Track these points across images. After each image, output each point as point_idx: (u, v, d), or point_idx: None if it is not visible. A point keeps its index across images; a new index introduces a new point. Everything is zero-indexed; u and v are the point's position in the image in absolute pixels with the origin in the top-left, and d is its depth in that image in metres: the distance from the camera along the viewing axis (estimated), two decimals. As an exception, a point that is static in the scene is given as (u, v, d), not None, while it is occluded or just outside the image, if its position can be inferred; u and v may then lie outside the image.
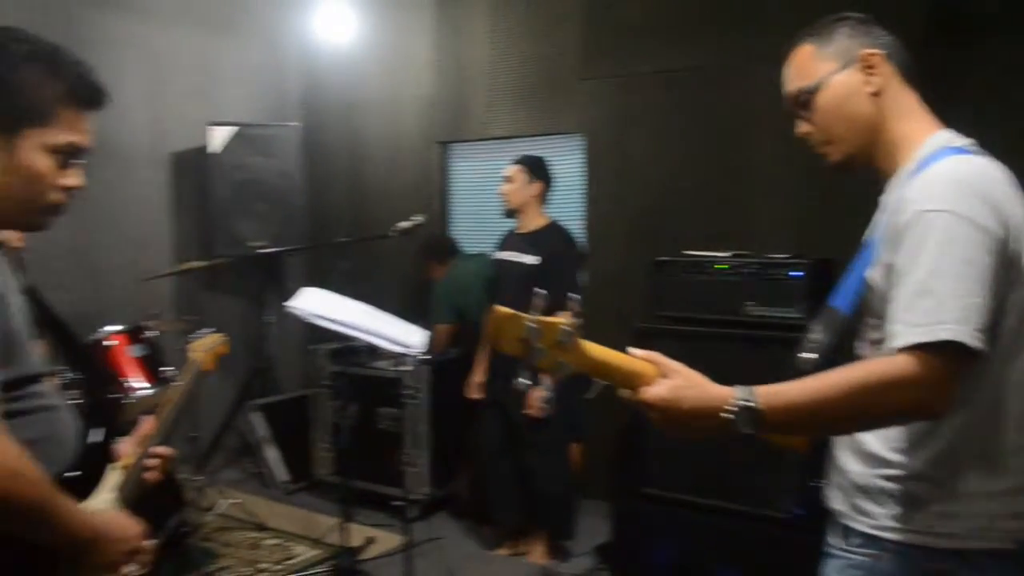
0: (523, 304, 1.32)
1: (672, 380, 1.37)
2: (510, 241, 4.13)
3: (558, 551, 4.06)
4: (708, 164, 4.41)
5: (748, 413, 1.33)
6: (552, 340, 1.26)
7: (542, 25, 4.96)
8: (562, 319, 1.28)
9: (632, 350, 1.42)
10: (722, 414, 1.34)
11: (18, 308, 1.39)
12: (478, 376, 4.14)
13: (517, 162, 4.08)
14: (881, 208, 1.55)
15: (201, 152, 5.39)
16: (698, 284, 3.60)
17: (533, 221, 4.05)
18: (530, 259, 3.95)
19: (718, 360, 1.76)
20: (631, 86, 4.63)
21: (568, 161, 4.92)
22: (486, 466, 4.17)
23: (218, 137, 5.26)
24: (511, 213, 4.09)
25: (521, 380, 1.37)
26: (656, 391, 1.36)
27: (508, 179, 4.06)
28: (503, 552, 4.14)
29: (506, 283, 4.05)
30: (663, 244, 4.13)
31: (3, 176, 1.38)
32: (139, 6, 5.22)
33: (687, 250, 3.77)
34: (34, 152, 1.39)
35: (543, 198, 4.07)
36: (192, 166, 5.49)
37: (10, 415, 1.28)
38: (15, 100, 1.37)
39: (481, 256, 4.71)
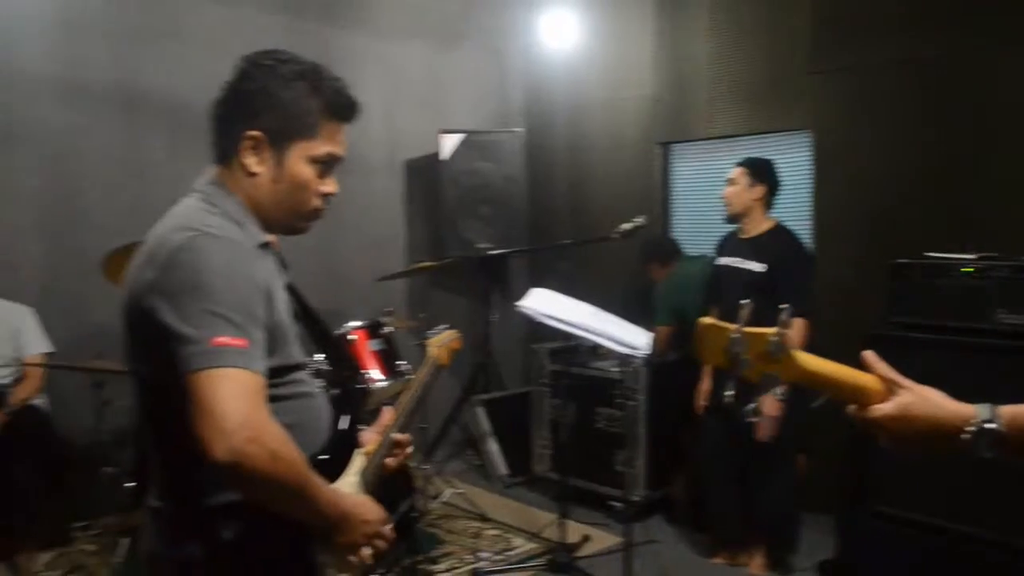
0: (754, 314, 1.29)
1: (901, 397, 1.27)
2: (732, 246, 3.98)
3: (779, 564, 3.92)
4: (949, 160, 4.09)
5: (989, 435, 1.21)
6: (758, 351, 1.21)
7: (766, 17, 4.80)
8: (770, 330, 1.22)
9: (867, 355, 1.32)
10: (961, 435, 1.23)
11: (283, 302, 1.54)
12: (705, 383, 4.04)
13: (740, 164, 3.94)
14: None
15: (432, 159, 5.70)
16: (940, 289, 3.33)
17: (757, 225, 3.89)
18: (756, 266, 3.80)
19: (962, 372, 1.64)
20: (864, 78, 4.38)
21: (795, 160, 4.74)
22: (706, 472, 4.09)
23: (447, 144, 5.54)
24: (733, 218, 3.94)
25: (728, 394, 1.31)
26: (884, 409, 1.26)
27: (731, 181, 3.92)
28: (719, 560, 4.05)
29: (729, 290, 3.90)
30: (898, 246, 3.87)
31: (273, 184, 1.54)
32: (379, 24, 5.60)
33: (923, 252, 3.50)
34: (300, 162, 1.54)
35: (768, 202, 3.90)
36: (423, 173, 5.82)
37: (273, 400, 1.40)
38: (286, 115, 1.51)
39: (703, 258, 4.63)
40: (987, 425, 1.21)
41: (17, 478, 3.87)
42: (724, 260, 3.97)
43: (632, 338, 3.41)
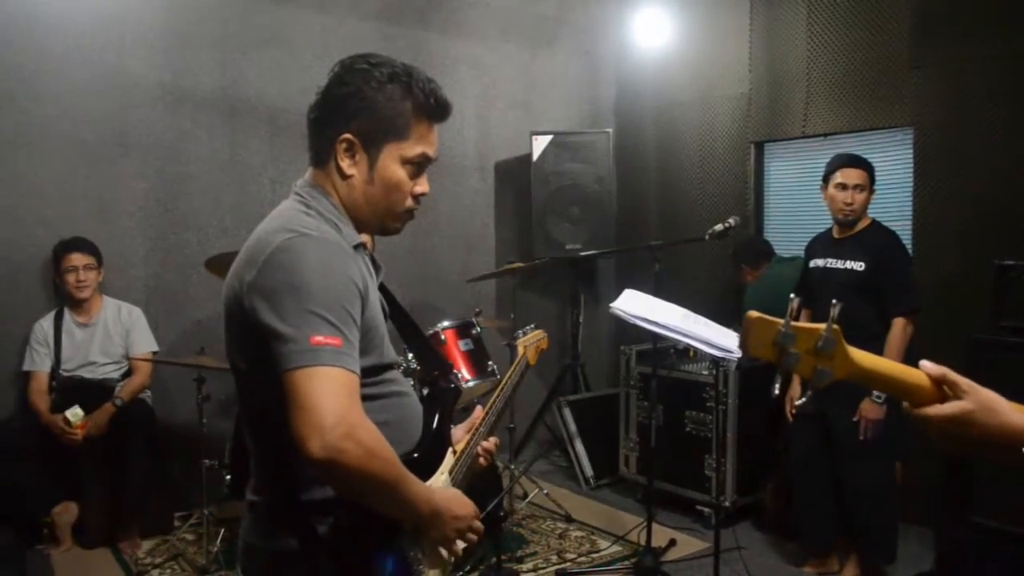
0: (848, 316, 1.25)
1: (963, 402, 1.20)
2: (827, 247, 3.85)
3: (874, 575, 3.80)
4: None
5: None
6: (809, 345, 1.19)
7: (864, 12, 4.66)
8: (820, 325, 1.20)
9: (924, 364, 1.27)
10: (1023, 450, 1.16)
11: (377, 302, 1.57)
12: (796, 391, 3.95)
13: (855, 165, 3.67)
14: None
15: (522, 160, 5.73)
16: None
17: (856, 225, 3.79)
18: (855, 264, 3.70)
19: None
20: (967, 72, 4.21)
21: (895, 157, 4.59)
22: (798, 478, 3.99)
23: (538, 146, 5.56)
24: (850, 224, 3.71)
25: (776, 388, 1.29)
26: (942, 411, 1.21)
27: (858, 187, 3.64)
28: (809, 570, 3.95)
29: (825, 291, 3.79)
30: (1004, 246, 3.71)
31: (366, 186, 1.57)
32: (472, 28, 5.67)
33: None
34: (392, 163, 1.57)
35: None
36: (513, 174, 5.86)
37: (367, 399, 1.43)
38: (378, 118, 1.54)
39: (795, 260, 4.52)
40: None
41: (124, 468, 4.07)
42: (818, 261, 3.86)
43: (724, 341, 3.36)
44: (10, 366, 4.25)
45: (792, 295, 1.22)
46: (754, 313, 1.18)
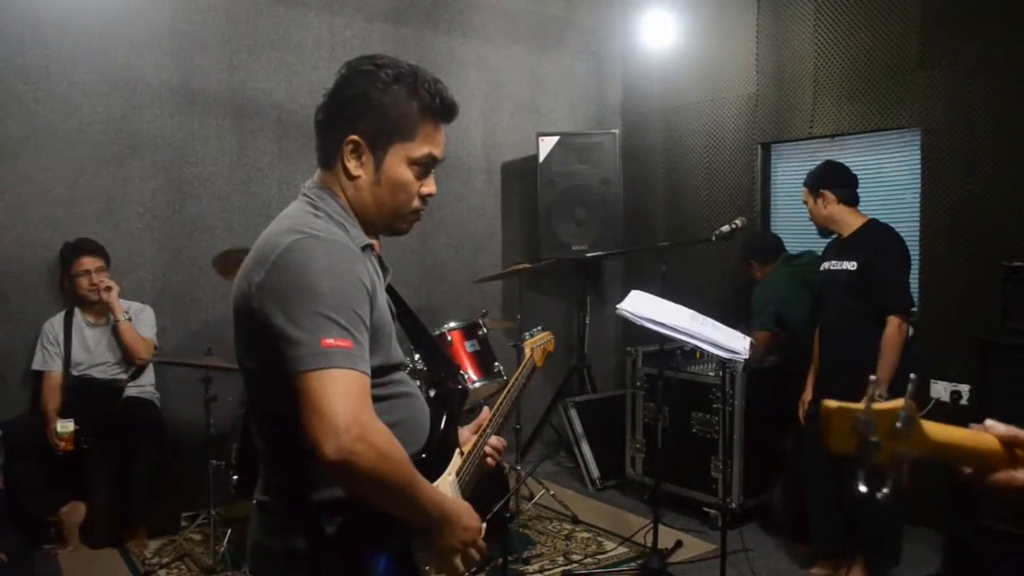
0: (844, 317, 1.22)
1: None
2: (832, 249, 3.91)
3: (880, 578, 3.79)
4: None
5: None
6: (887, 428, 1.06)
7: (871, 12, 4.65)
8: (898, 402, 1.08)
9: (991, 424, 1.18)
10: None
11: (384, 303, 1.57)
12: (808, 394, 3.94)
13: (803, 184, 3.91)
14: None
15: (528, 161, 5.74)
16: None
17: (850, 227, 3.79)
18: (849, 264, 3.71)
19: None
20: (977, 73, 4.20)
21: (903, 158, 4.58)
22: (806, 481, 3.98)
23: (544, 147, 5.57)
24: (825, 233, 3.91)
25: (861, 487, 1.09)
26: (1015, 478, 1.14)
27: (805, 203, 3.91)
28: (817, 572, 3.94)
29: (828, 294, 3.84)
30: (1012, 247, 3.70)
31: (373, 187, 1.58)
32: (479, 29, 5.67)
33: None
34: (399, 164, 1.57)
35: (845, 200, 3.79)
36: (520, 175, 5.86)
37: (375, 399, 1.43)
38: (384, 119, 1.55)
39: (802, 258, 4.51)
40: None
41: (131, 469, 4.09)
42: (825, 264, 3.90)
43: (732, 342, 3.36)
44: (19, 366, 4.27)
45: (873, 377, 1.09)
46: (832, 403, 1.06)
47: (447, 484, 1.64)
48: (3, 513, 3.76)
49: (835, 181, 3.81)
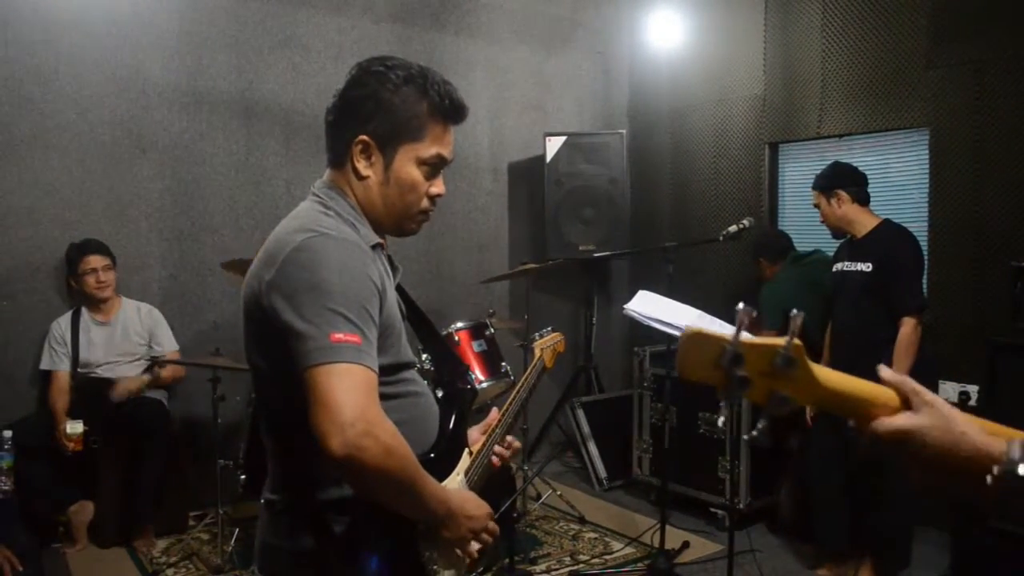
0: (858, 318, 1.20)
1: (920, 416, 1.00)
2: (843, 250, 3.91)
3: (888, 580, 3.78)
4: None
5: (1018, 483, 0.91)
6: (763, 366, 0.96)
7: (879, 12, 4.63)
8: (779, 340, 0.97)
9: (882, 370, 1.06)
10: (986, 480, 0.94)
11: (394, 302, 1.58)
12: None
13: (812, 187, 3.90)
14: None
15: (535, 162, 5.74)
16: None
17: (863, 227, 3.78)
18: (864, 266, 3.71)
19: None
20: (985, 73, 4.18)
21: (911, 158, 4.56)
22: (814, 481, 3.97)
23: (551, 147, 5.57)
24: (838, 234, 3.91)
25: (711, 417, 1.03)
26: (893, 422, 1.00)
27: (816, 206, 3.90)
28: (824, 573, 3.94)
29: (842, 295, 3.83)
30: (1021, 247, 3.68)
31: (382, 187, 1.58)
32: (486, 29, 5.68)
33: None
34: (408, 164, 1.58)
35: (858, 200, 3.79)
36: (527, 175, 5.86)
37: (383, 398, 1.43)
38: (394, 119, 1.55)
39: (810, 257, 4.50)
40: (1016, 470, 0.91)
41: (139, 468, 4.10)
42: (838, 265, 3.89)
43: (738, 342, 3.34)
44: (27, 365, 4.29)
45: (742, 305, 0.97)
46: (692, 327, 0.96)
47: (455, 484, 1.64)
48: (13, 512, 3.77)
49: (848, 180, 3.81)
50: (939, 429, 0.99)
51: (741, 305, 0.96)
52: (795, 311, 0.97)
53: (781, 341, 0.97)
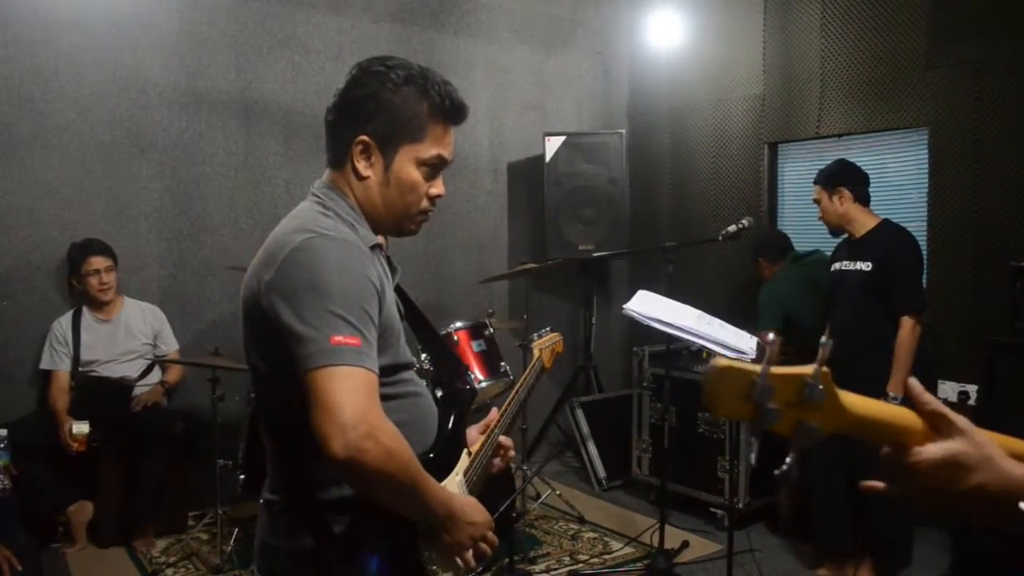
0: (857, 317, 1.20)
1: (952, 442, 0.97)
2: (842, 250, 3.91)
3: (888, 579, 3.78)
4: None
5: None
6: (791, 397, 0.94)
7: (879, 12, 4.64)
8: (806, 368, 0.94)
9: (913, 385, 1.03)
10: (1019, 505, 0.93)
11: (393, 302, 1.58)
12: None
13: (814, 182, 3.90)
14: None
15: (535, 161, 5.74)
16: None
17: (863, 226, 3.79)
18: (864, 265, 3.71)
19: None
20: (984, 73, 4.19)
21: (911, 158, 4.57)
22: (814, 480, 3.97)
23: (551, 147, 5.57)
24: (836, 232, 3.90)
25: (752, 457, 1.01)
26: (929, 453, 0.97)
27: (816, 202, 3.90)
28: (823, 572, 3.94)
29: (841, 294, 3.83)
30: (1020, 247, 3.69)
31: (382, 187, 1.58)
32: (486, 29, 5.68)
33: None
34: (408, 165, 1.57)
35: (860, 198, 3.79)
36: (526, 175, 5.86)
37: (383, 399, 1.42)
38: (394, 120, 1.55)
39: (809, 257, 4.50)
40: None
41: (139, 468, 4.10)
42: (837, 265, 3.89)
43: (738, 342, 3.35)
44: (27, 365, 4.29)
45: (772, 335, 0.96)
46: (723, 360, 0.94)
47: (454, 484, 1.64)
48: (11, 512, 3.77)
49: (852, 179, 3.81)
50: (975, 451, 0.97)
51: (771, 336, 0.96)
52: (824, 339, 0.95)
53: (809, 370, 0.94)
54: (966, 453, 0.96)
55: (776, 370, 0.93)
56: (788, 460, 0.98)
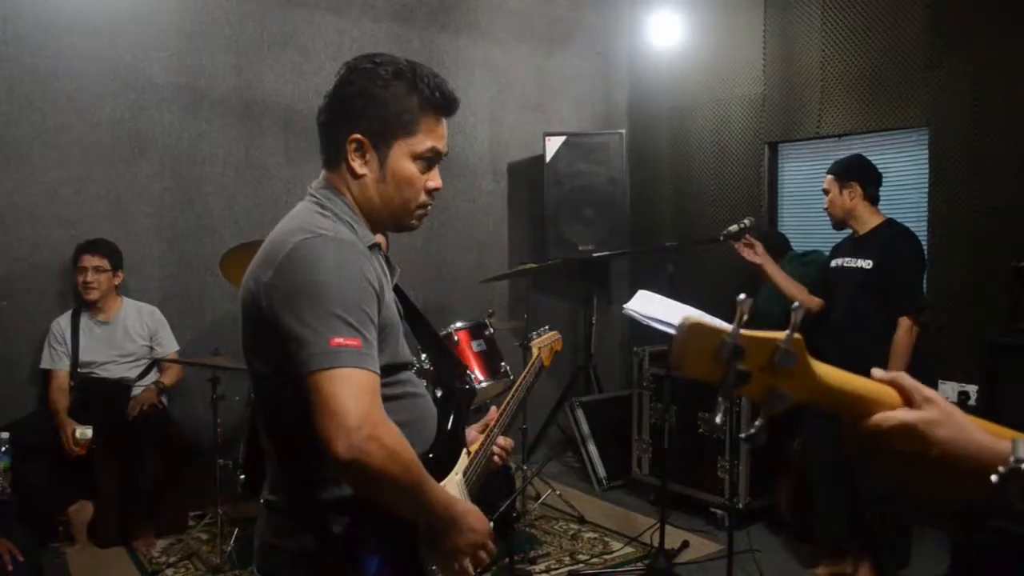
0: (855, 315, 1.19)
1: (926, 411, 0.97)
2: (845, 246, 3.89)
3: (887, 579, 3.77)
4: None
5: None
6: (762, 361, 0.92)
7: (879, 12, 4.63)
8: (779, 333, 0.93)
9: (876, 372, 1.03)
10: (992, 477, 0.91)
11: (392, 302, 1.58)
12: None
13: (828, 171, 3.86)
14: None
15: (535, 161, 5.74)
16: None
17: (866, 224, 3.77)
18: (864, 262, 3.70)
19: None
20: (985, 73, 4.18)
21: (911, 158, 4.56)
22: (814, 480, 3.96)
23: (551, 147, 5.57)
24: (839, 225, 3.87)
25: (717, 416, 1.00)
26: (896, 415, 0.96)
27: (825, 191, 3.86)
28: (822, 572, 3.93)
29: (839, 291, 3.83)
30: (1021, 247, 3.69)
31: (378, 184, 1.58)
32: (486, 29, 5.68)
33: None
34: (403, 159, 1.57)
35: (869, 197, 3.78)
36: (526, 175, 5.86)
37: (383, 399, 1.42)
38: (385, 115, 1.55)
39: (808, 257, 4.50)
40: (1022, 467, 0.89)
41: (139, 468, 4.10)
42: (838, 260, 3.87)
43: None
44: (27, 365, 4.29)
45: (743, 296, 0.93)
46: (691, 317, 0.92)
47: (454, 484, 1.64)
48: (12, 512, 3.77)
49: (866, 176, 3.78)
50: (943, 425, 0.96)
51: (742, 296, 0.92)
52: (796, 304, 0.94)
53: (781, 335, 0.93)
54: (933, 420, 0.96)
55: (748, 332, 0.91)
56: (756, 424, 0.95)
